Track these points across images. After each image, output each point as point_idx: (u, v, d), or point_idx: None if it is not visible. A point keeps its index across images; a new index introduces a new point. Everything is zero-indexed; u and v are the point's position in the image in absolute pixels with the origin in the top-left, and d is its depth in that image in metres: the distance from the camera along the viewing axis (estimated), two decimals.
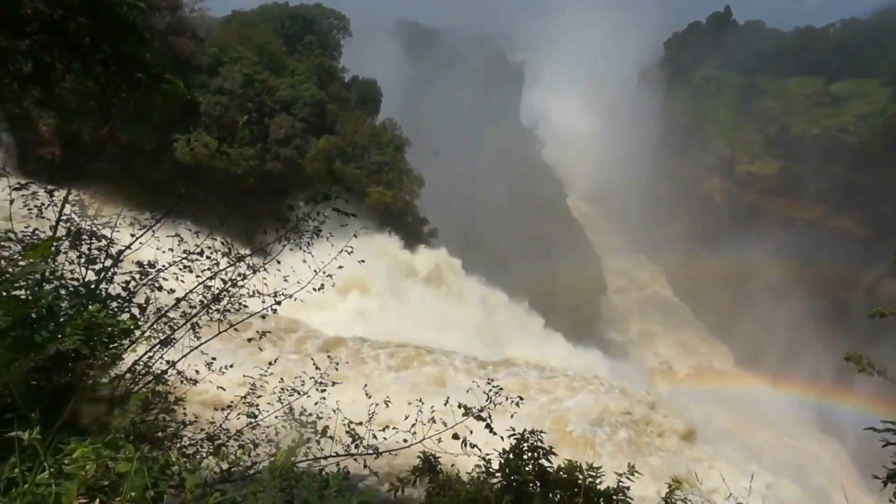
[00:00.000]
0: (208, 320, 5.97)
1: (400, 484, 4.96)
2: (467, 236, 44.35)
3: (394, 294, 32.72)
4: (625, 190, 75.21)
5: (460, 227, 44.47)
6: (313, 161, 37.49)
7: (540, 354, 31.08)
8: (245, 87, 38.23)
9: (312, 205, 5.58)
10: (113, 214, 5.72)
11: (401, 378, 23.91)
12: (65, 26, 8.88)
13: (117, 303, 4.81)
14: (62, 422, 3.28)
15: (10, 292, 2.91)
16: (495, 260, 42.45)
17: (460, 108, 58.82)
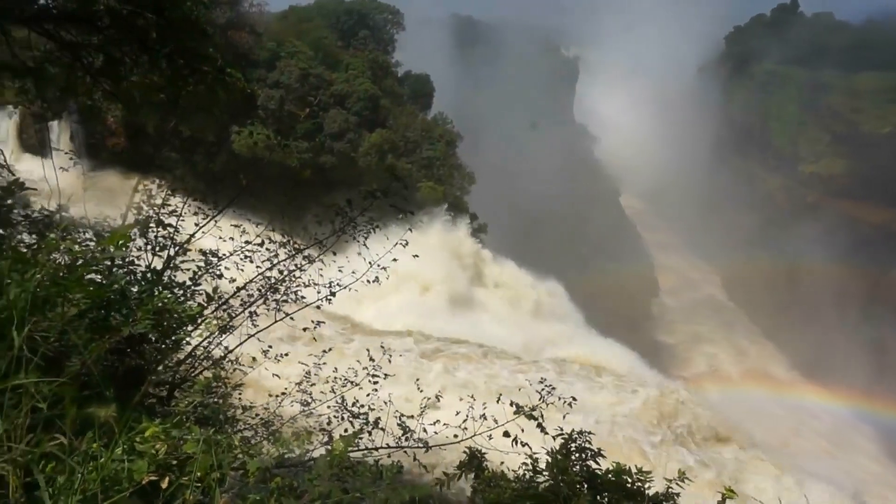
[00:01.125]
0: (265, 309, 6.12)
1: (445, 478, 4.99)
2: (516, 232, 44.09)
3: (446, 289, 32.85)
4: (680, 188, 73.28)
5: (509, 223, 44.23)
6: (366, 155, 37.93)
7: (588, 353, 30.68)
8: (301, 82, 38.95)
9: (370, 199, 5.65)
10: (178, 203, 5.93)
11: (451, 373, 24.00)
12: (134, 21, 9.22)
13: (182, 289, 4.99)
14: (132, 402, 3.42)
15: (85, 276, 3.04)
16: (544, 257, 42.06)
17: (513, 103, 58.43)
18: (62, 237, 3.16)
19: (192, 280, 5.09)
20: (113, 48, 9.65)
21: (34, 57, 10.13)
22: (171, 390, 4.93)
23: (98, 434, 2.18)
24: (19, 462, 1.87)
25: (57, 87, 10.54)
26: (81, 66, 9.95)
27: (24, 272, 2.65)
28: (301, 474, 3.26)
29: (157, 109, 16.13)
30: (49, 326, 2.48)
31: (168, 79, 9.49)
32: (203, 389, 3.60)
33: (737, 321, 60.66)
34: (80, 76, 10.14)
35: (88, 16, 9.33)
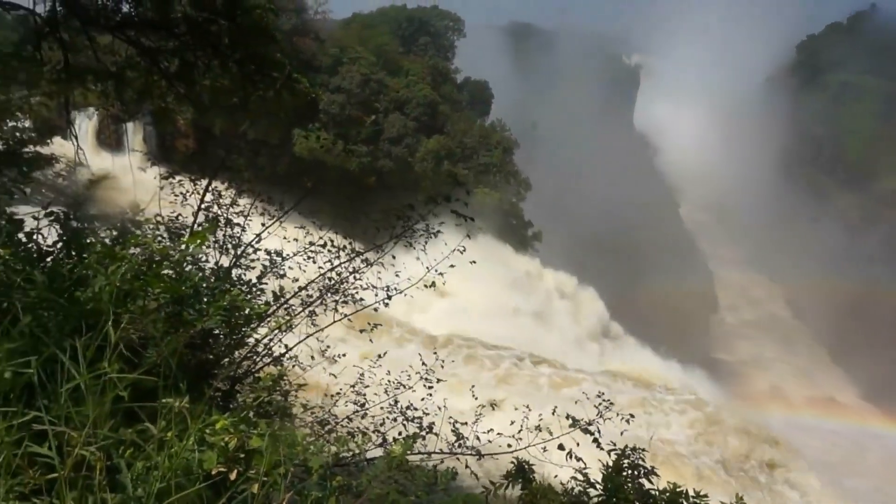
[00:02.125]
0: (323, 309, 6.24)
1: (493, 487, 4.95)
2: (571, 241, 43.54)
3: (500, 297, 32.74)
4: (744, 201, 70.75)
5: (565, 232, 43.71)
6: (422, 160, 38.27)
7: (642, 368, 29.97)
8: (362, 87, 39.65)
9: (431, 205, 5.69)
10: (245, 204, 6.13)
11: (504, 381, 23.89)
12: (208, 28, 9.62)
13: (247, 287, 5.15)
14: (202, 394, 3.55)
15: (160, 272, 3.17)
16: (600, 267, 41.37)
17: (572, 110, 57.85)
18: (144, 234, 3.31)
19: (258, 278, 5.25)
20: (187, 53, 10.08)
21: (115, 62, 10.68)
22: (233, 384, 5.09)
23: (173, 424, 2.27)
24: (103, 446, 1.97)
25: (135, 90, 11.08)
26: (158, 71, 10.42)
27: (108, 266, 2.80)
28: (356, 474, 3.30)
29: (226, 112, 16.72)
30: (130, 318, 2.60)
31: (239, 83, 9.86)
32: (269, 386, 3.71)
33: (801, 342, 57.97)
34: (157, 80, 10.62)
35: (167, 23, 9.77)
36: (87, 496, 1.89)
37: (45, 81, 10.01)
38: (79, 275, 2.79)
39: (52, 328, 2.36)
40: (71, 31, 9.59)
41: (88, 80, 10.33)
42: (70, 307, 2.48)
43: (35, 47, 9.40)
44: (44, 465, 1.97)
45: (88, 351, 2.14)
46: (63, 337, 2.38)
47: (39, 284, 2.54)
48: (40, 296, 2.46)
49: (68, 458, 1.84)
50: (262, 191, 7.46)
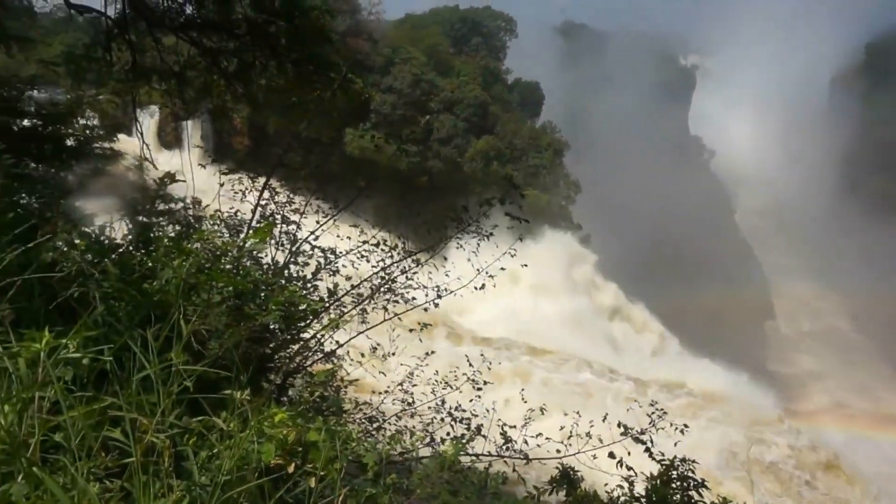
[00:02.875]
0: (374, 307, 6.29)
1: (536, 492, 4.90)
2: (621, 245, 42.73)
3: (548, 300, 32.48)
4: (804, 207, 68.05)
5: (615, 235, 42.95)
6: (472, 161, 38.27)
7: (692, 377, 29.17)
8: (413, 87, 39.93)
9: (486, 207, 5.68)
10: (301, 201, 6.25)
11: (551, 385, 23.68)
12: (266, 29, 9.86)
13: (302, 284, 5.24)
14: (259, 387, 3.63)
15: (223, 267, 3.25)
16: (651, 272, 40.48)
17: (625, 112, 56.80)
18: (209, 230, 3.41)
19: (313, 275, 5.34)
20: (246, 53, 10.36)
21: (178, 62, 11.06)
22: (285, 378, 5.19)
23: (235, 415, 2.32)
24: (170, 434, 2.03)
25: (195, 88, 11.45)
26: (218, 70, 10.75)
27: (175, 259, 2.89)
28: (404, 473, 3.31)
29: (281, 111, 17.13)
30: (195, 311, 2.68)
31: (295, 83, 10.07)
32: (323, 381, 3.76)
33: (865, 357, 55.32)
34: (216, 79, 10.96)
35: (227, 24, 10.07)
36: (154, 481, 1.95)
37: (114, 81, 10.45)
38: (147, 267, 2.89)
39: (124, 318, 2.44)
40: (138, 32, 9.99)
41: (153, 79, 10.74)
42: (140, 298, 2.57)
43: (105, 48, 9.82)
44: (115, 449, 2.04)
45: (157, 341, 2.21)
46: (133, 326, 2.47)
47: (112, 275, 2.64)
48: (113, 286, 2.56)
49: (139, 444, 1.90)
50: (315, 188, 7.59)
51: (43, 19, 11.27)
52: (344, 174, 31.08)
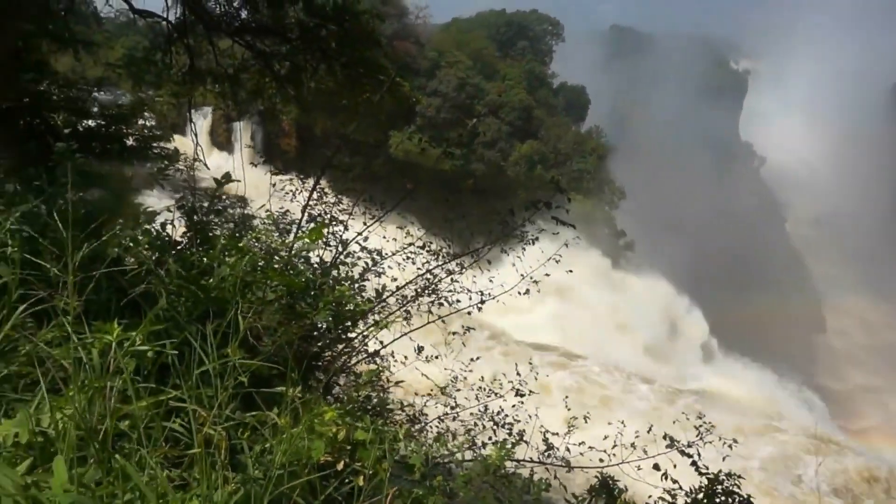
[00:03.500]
0: (417, 310, 6.33)
1: (575, 500, 4.85)
2: (667, 252, 41.87)
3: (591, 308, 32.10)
4: (861, 218, 65.41)
5: (661, 243, 42.10)
6: (515, 165, 38.13)
7: (739, 388, 28.37)
8: (458, 90, 40.03)
9: (532, 210, 5.66)
10: (348, 202, 6.35)
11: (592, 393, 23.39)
12: (318, 33, 10.06)
13: (349, 284, 5.32)
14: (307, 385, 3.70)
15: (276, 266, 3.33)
16: (697, 281, 39.53)
17: (673, 116, 55.67)
18: (265, 229, 3.50)
19: (360, 276, 5.41)
20: (298, 56, 10.59)
21: (232, 64, 11.37)
22: (330, 377, 5.27)
23: (287, 411, 2.37)
24: (226, 427, 2.09)
25: (248, 90, 11.76)
26: (270, 72, 11.02)
27: (231, 257, 2.98)
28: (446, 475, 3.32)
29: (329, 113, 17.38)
30: (249, 308, 2.75)
31: (344, 85, 10.24)
32: (369, 381, 3.81)
33: None
34: (268, 81, 11.23)
35: (281, 28, 10.32)
36: (210, 472, 2.01)
37: (171, 83, 10.82)
38: (205, 265, 2.99)
39: (184, 313, 2.53)
40: (196, 36, 10.33)
41: (208, 81, 11.08)
42: (199, 294, 2.66)
43: (164, 51, 10.18)
44: (174, 440, 2.12)
45: (216, 337, 2.28)
46: (192, 321, 2.56)
47: (173, 272, 2.74)
48: (174, 282, 2.66)
49: (197, 435, 1.97)
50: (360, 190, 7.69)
51: (107, 23, 11.75)
52: (389, 176, 31.37)
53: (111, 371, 1.83)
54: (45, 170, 3.83)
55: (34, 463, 1.53)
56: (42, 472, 1.52)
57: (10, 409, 1.94)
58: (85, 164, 3.60)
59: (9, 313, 2.05)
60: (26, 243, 2.79)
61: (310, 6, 9.72)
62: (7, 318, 2.03)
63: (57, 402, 1.74)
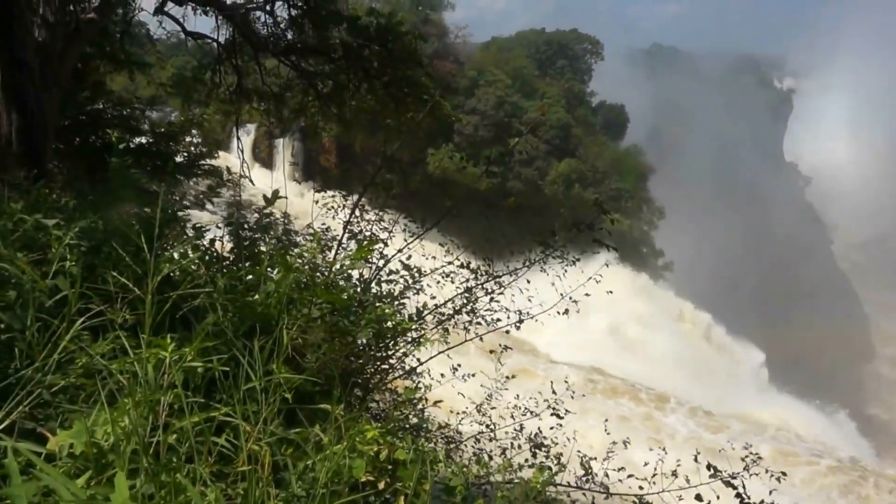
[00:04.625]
0: (454, 327, 6.32)
1: None
2: (709, 274, 40.96)
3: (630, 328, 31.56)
4: None
5: (703, 264, 41.24)
6: (553, 183, 37.98)
7: (790, 418, 27.38)
8: (496, 109, 40.21)
9: (574, 232, 5.62)
10: (390, 220, 6.40)
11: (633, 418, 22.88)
12: (360, 53, 10.26)
13: (390, 301, 5.35)
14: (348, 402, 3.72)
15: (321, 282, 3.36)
16: (739, 304, 38.53)
17: (717, 136, 54.75)
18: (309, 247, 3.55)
19: (400, 293, 5.43)
20: (341, 76, 10.82)
21: (277, 83, 11.68)
22: (367, 393, 5.29)
23: (331, 429, 2.39)
24: (270, 444, 2.11)
25: (291, 108, 12.05)
26: (313, 91, 11.27)
27: (277, 274, 3.03)
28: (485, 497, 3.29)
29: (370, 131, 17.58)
30: (294, 324, 2.79)
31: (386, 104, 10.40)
32: (408, 400, 3.82)
33: None
34: (311, 100, 11.49)
35: (325, 48, 10.56)
36: (254, 489, 2.03)
37: (219, 101, 11.15)
38: (252, 281, 3.05)
39: (231, 329, 2.58)
40: (243, 56, 10.65)
41: (254, 99, 11.40)
42: (246, 310, 2.71)
43: (213, 71, 10.51)
44: (218, 454, 2.15)
45: (263, 353, 2.31)
46: (238, 337, 2.60)
47: (220, 288, 2.79)
48: (222, 298, 2.71)
49: (241, 452, 1.99)
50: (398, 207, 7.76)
51: (160, 44, 12.20)
52: (427, 193, 31.60)
53: (165, 386, 1.87)
54: (101, 185, 3.98)
55: (92, 476, 1.57)
56: (97, 486, 1.55)
57: (65, 421, 2.00)
58: (138, 180, 3.72)
59: (68, 326, 2.12)
60: (84, 257, 2.89)
61: (354, 27, 9.94)
62: (66, 330, 2.10)
63: (113, 415, 1.79)
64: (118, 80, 10.38)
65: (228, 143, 23.08)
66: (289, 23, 10.13)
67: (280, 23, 10.03)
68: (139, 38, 10.03)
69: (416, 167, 37.72)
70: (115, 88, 9.81)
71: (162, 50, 16.55)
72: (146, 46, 11.33)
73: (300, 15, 9.94)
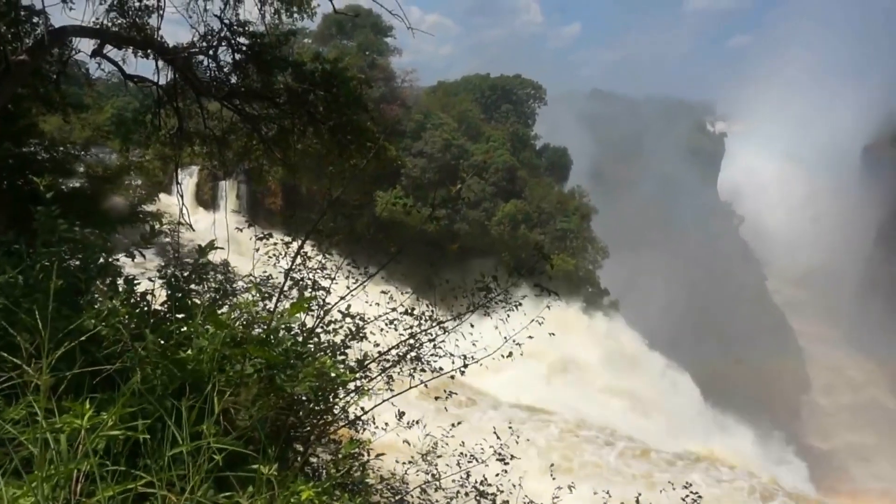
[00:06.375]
0: (399, 374, 6.26)
1: None
2: (650, 312, 42.07)
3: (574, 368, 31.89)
4: (839, 275, 66.54)
5: (644, 302, 42.37)
6: (499, 224, 38.57)
7: (728, 452, 27.98)
8: (443, 151, 40.84)
9: (515, 277, 5.70)
10: (332, 266, 6.34)
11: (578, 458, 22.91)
12: (305, 97, 10.30)
13: (332, 351, 5.26)
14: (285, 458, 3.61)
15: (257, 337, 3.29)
16: (679, 341, 39.58)
17: (654, 178, 57.07)
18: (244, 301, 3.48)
19: (343, 342, 5.36)
20: (285, 120, 10.80)
21: (221, 127, 11.55)
22: (308, 447, 5.14)
23: (264, 490, 2.31)
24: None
25: (235, 151, 11.90)
26: (258, 135, 11.20)
27: (210, 329, 2.95)
28: None
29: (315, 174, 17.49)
30: (227, 381, 2.71)
31: (331, 148, 10.42)
32: (349, 455, 3.72)
33: None
34: (256, 143, 11.40)
35: (270, 93, 10.54)
36: None
37: (160, 144, 10.93)
38: (183, 335, 2.95)
39: (159, 387, 2.49)
40: (186, 99, 10.52)
41: (196, 142, 11.22)
42: (175, 367, 2.62)
43: (154, 114, 10.33)
44: None
45: (192, 414, 2.23)
46: (167, 396, 2.51)
47: (149, 344, 2.70)
48: (150, 355, 2.62)
49: None
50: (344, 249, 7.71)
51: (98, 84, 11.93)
52: (374, 236, 31.55)
53: (79, 455, 1.78)
54: (25, 235, 3.81)
55: None
56: None
57: None
58: (66, 229, 3.59)
59: None
60: (2, 314, 2.75)
61: (299, 73, 9.99)
62: None
63: (23, 489, 1.69)
64: (52, 120, 10.07)
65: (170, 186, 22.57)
66: (232, 67, 10.09)
67: (223, 67, 9.98)
68: (77, 79, 9.79)
69: (363, 210, 37.73)
70: (47, 129, 9.50)
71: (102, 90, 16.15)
72: (84, 87, 11.07)
73: (244, 60, 9.93)
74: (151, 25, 9.05)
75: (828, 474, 42.09)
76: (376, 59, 43.70)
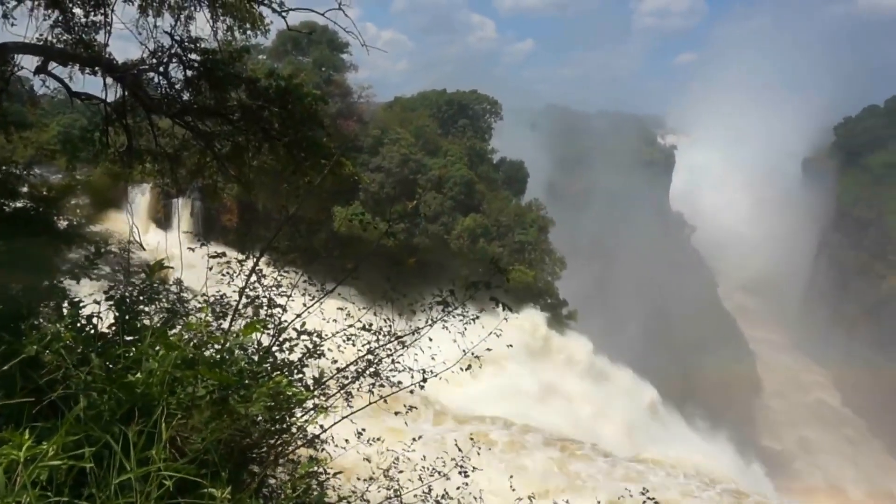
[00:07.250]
0: (358, 390, 6.21)
1: None
2: (607, 321, 42.81)
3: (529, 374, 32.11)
4: (785, 283, 69.16)
5: (600, 312, 43.09)
6: (458, 238, 38.74)
7: (684, 456, 28.53)
8: (401, 166, 40.89)
9: (472, 290, 5.74)
10: (288, 283, 6.27)
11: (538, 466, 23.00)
12: (260, 114, 10.20)
13: (288, 369, 5.19)
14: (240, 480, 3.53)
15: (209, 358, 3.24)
16: (636, 349, 40.35)
17: (608, 190, 58.33)
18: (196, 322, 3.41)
19: (300, 361, 5.30)
20: (239, 137, 10.66)
21: (173, 144, 11.32)
22: (265, 468, 5.04)
23: None
24: None
25: (188, 169, 11.68)
26: (211, 152, 11.01)
27: (160, 351, 2.88)
28: None
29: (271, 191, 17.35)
30: (178, 404, 2.65)
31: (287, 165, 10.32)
32: (306, 474, 3.68)
33: (854, 432, 54.76)
34: (209, 161, 11.20)
35: (223, 109, 10.39)
36: None
37: (109, 162, 10.64)
38: (132, 358, 2.88)
39: (106, 413, 2.42)
40: (136, 116, 10.28)
41: (147, 160, 10.96)
42: (122, 392, 2.55)
43: (102, 132, 10.06)
44: None
45: (140, 439, 2.18)
46: (115, 421, 2.44)
47: (95, 368, 2.63)
48: (96, 379, 2.55)
49: None
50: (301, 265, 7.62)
51: (43, 101, 11.58)
52: (331, 252, 31.33)
53: (17, 488, 1.72)
54: None
55: None
56: None
57: None
58: (7, 251, 3.47)
59: None
60: None
61: (253, 89, 9.89)
62: None
63: None
64: None
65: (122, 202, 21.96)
66: (184, 84, 9.91)
67: (175, 83, 9.80)
68: (20, 96, 9.47)
69: (321, 225, 37.40)
70: None
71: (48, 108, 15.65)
72: (27, 105, 10.72)
73: (196, 76, 9.77)
74: (99, 42, 8.84)
75: (782, 474, 43.40)
76: (332, 74, 43.61)
